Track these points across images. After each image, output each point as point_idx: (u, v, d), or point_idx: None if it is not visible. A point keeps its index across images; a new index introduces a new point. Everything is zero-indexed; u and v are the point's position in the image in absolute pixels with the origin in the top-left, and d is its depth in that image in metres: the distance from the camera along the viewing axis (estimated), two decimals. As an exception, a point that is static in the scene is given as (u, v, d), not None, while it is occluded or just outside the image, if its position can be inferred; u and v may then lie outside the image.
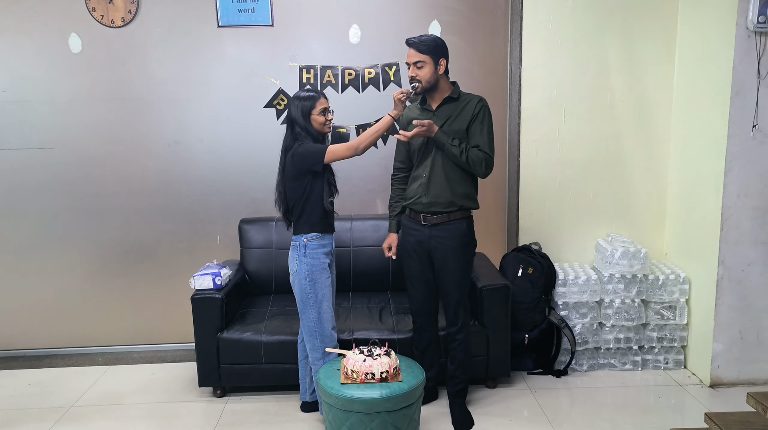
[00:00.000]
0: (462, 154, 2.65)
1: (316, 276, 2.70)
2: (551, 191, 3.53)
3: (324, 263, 2.73)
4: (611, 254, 3.27)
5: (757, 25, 2.84)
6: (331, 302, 2.77)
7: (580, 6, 3.36)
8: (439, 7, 3.51)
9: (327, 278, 2.74)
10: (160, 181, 3.63)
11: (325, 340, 2.73)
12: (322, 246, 2.72)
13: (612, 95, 3.45)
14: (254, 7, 3.46)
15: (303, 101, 2.65)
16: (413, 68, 2.68)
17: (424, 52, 2.65)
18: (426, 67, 2.66)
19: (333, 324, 2.76)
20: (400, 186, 2.91)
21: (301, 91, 2.69)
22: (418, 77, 2.67)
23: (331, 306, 2.76)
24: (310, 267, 2.70)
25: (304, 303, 2.72)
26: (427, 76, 2.66)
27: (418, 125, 2.60)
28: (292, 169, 2.65)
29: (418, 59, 2.66)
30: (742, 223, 3.05)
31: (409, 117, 2.81)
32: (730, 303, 3.11)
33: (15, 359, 3.68)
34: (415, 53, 2.66)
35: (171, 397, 3.17)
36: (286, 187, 2.71)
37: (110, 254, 3.68)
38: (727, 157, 3.00)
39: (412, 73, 2.69)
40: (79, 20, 3.44)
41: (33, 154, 3.56)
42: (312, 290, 2.70)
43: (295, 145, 2.64)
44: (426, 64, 2.65)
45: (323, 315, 2.72)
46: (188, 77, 3.53)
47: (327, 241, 2.75)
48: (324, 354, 2.73)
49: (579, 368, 3.36)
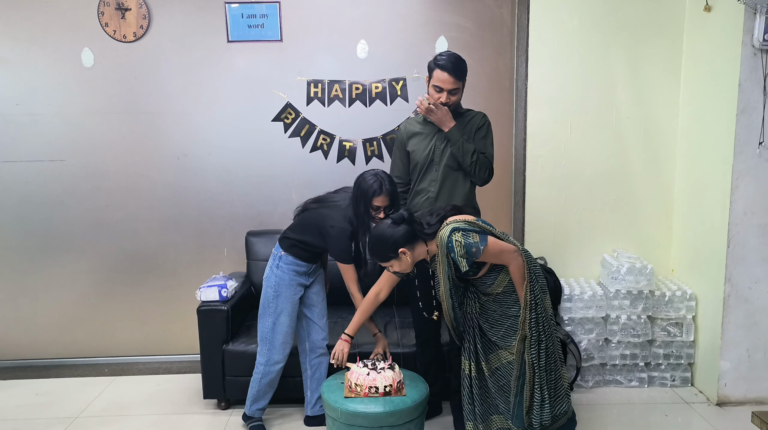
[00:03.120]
0: (474, 153, 2.66)
1: (281, 289, 2.74)
2: (557, 207, 3.53)
3: (293, 280, 2.75)
4: (617, 270, 3.27)
5: (762, 43, 2.85)
6: (292, 319, 2.77)
7: (587, 23, 3.39)
8: (446, 24, 3.54)
9: (294, 295, 2.76)
10: (169, 194, 3.66)
11: (273, 351, 2.78)
12: (296, 268, 2.75)
13: (618, 112, 3.46)
14: (264, 23, 3.50)
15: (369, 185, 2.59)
16: (447, 95, 2.60)
17: (460, 78, 2.59)
18: (458, 93, 2.62)
19: (285, 339, 2.77)
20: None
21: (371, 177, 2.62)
22: (451, 103, 2.62)
23: (290, 322, 2.77)
24: (279, 280, 2.75)
25: (264, 310, 2.78)
26: (457, 101, 2.64)
27: (435, 107, 2.55)
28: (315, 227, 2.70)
29: (455, 87, 2.59)
30: (748, 240, 3.04)
31: (411, 131, 2.82)
32: (737, 321, 3.08)
33: (22, 369, 3.71)
34: (452, 80, 2.57)
35: (176, 408, 3.18)
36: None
37: (118, 265, 3.71)
38: (733, 174, 2.99)
39: (445, 100, 2.61)
40: (92, 35, 3.50)
41: (44, 166, 3.61)
42: (274, 301, 2.75)
43: (337, 227, 2.63)
44: (459, 90, 2.62)
45: (278, 327, 2.76)
46: (198, 91, 3.58)
47: (304, 268, 2.77)
48: (267, 362, 2.77)
49: (584, 384, 3.34)
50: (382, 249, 2.33)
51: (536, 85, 3.44)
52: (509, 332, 2.34)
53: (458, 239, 2.19)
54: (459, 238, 2.19)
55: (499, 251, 2.24)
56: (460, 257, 2.19)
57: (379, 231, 2.35)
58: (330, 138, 3.62)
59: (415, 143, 2.80)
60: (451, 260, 2.23)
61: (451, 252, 2.21)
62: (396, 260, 2.34)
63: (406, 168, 2.86)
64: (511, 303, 2.33)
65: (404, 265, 2.35)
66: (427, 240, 2.33)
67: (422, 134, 2.79)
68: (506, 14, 3.55)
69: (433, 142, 2.75)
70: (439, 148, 2.73)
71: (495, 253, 2.23)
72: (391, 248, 2.30)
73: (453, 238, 2.20)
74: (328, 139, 3.62)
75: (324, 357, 2.90)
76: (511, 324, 2.33)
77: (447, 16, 3.53)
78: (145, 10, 3.48)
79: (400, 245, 2.30)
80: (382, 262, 2.38)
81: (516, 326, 2.31)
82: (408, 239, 2.31)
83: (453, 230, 2.21)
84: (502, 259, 2.26)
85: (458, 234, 2.20)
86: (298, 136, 3.62)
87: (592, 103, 3.45)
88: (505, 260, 2.26)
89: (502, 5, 3.54)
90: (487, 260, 2.26)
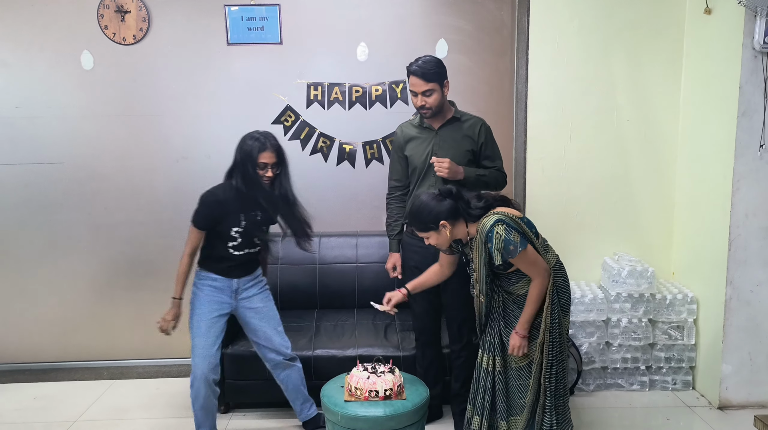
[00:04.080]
0: (483, 177, 2.75)
1: (195, 305, 2.67)
2: (558, 209, 3.53)
3: (209, 297, 2.65)
4: (618, 273, 3.26)
5: (763, 45, 2.85)
6: (207, 338, 2.64)
7: (587, 25, 3.38)
8: (446, 26, 3.54)
9: (210, 313, 2.64)
10: (168, 196, 3.65)
11: (192, 372, 2.66)
12: (212, 282, 2.66)
13: (618, 114, 3.45)
14: (264, 25, 3.50)
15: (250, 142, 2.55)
16: (421, 98, 2.64)
17: (432, 79, 2.62)
18: (434, 94, 2.64)
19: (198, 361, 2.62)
20: (399, 205, 2.90)
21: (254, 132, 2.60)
22: (428, 105, 2.65)
23: (203, 343, 2.62)
24: (194, 296, 2.68)
25: (189, 323, 2.70)
26: (436, 103, 2.66)
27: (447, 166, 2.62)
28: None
29: (427, 88, 2.62)
30: (750, 243, 3.03)
31: (408, 135, 2.82)
32: (738, 324, 3.07)
33: (21, 372, 3.69)
34: (422, 83, 2.61)
35: (175, 412, 3.17)
36: None
37: (117, 268, 3.70)
38: (734, 176, 2.99)
39: (421, 102, 2.65)
40: (92, 38, 3.50)
41: (43, 168, 3.60)
42: (192, 316, 2.68)
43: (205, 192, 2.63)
44: (434, 91, 2.64)
45: (195, 346, 2.65)
46: (197, 94, 3.58)
47: (220, 283, 2.66)
48: (194, 379, 2.65)
49: (585, 387, 3.33)
50: (423, 218, 2.29)
51: (536, 88, 3.44)
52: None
53: (500, 231, 2.17)
54: (501, 231, 2.16)
55: (532, 263, 2.22)
56: (496, 250, 2.17)
57: (422, 200, 2.32)
58: (330, 141, 3.62)
59: (412, 148, 2.80)
60: (487, 249, 2.22)
61: (489, 242, 2.19)
62: (435, 232, 2.30)
63: (404, 171, 2.87)
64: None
65: (442, 239, 2.31)
66: (469, 221, 2.30)
67: (419, 139, 2.79)
68: (506, 17, 3.55)
69: (430, 147, 2.76)
70: (437, 153, 2.74)
71: (528, 262, 2.22)
72: (432, 218, 2.27)
73: (495, 229, 2.17)
74: (328, 141, 3.62)
75: (291, 367, 2.83)
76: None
77: (447, 19, 3.53)
78: (144, 12, 3.48)
79: (442, 217, 2.27)
80: (420, 231, 2.34)
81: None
82: (451, 214, 2.28)
83: (498, 221, 2.19)
84: (530, 270, 2.24)
85: (501, 227, 2.17)
86: (298, 138, 3.62)
87: (592, 106, 3.45)
88: (532, 273, 2.24)
89: (502, 8, 3.54)
90: (517, 264, 2.25)
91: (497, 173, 2.82)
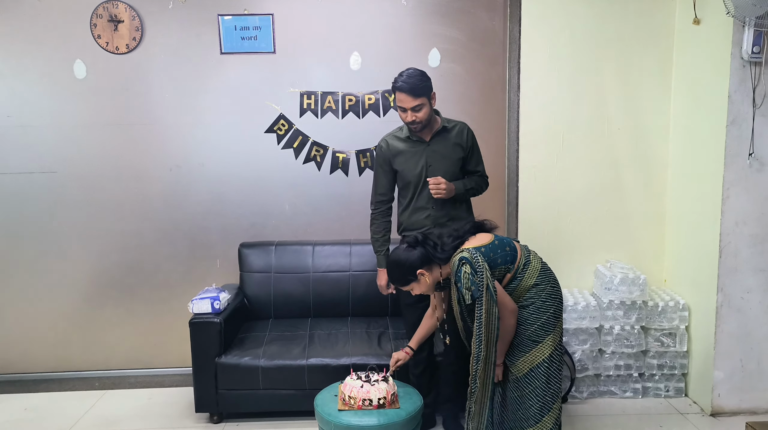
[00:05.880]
0: (471, 190, 2.83)
1: None
2: (550, 217, 3.54)
3: None
4: (610, 280, 3.27)
5: (751, 55, 2.89)
6: None
7: (578, 35, 3.42)
8: (439, 36, 3.56)
9: None
10: (161, 205, 3.65)
11: None
12: None
13: (609, 123, 3.48)
14: (257, 35, 3.51)
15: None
16: (411, 113, 2.65)
17: (420, 94, 2.62)
18: (424, 108, 2.66)
19: None
20: (385, 219, 2.91)
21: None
22: (419, 120, 2.66)
23: None
24: None
25: None
26: (425, 116, 2.67)
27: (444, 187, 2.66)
28: None
29: (416, 104, 2.63)
30: (740, 250, 3.05)
31: (396, 149, 2.82)
32: (730, 331, 3.09)
33: (11, 383, 3.66)
34: (410, 99, 2.62)
35: (168, 422, 3.15)
36: None
37: (109, 278, 3.68)
38: (724, 184, 3.02)
39: (411, 118, 2.66)
40: (85, 47, 3.50)
41: (35, 178, 3.59)
42: None
43: None
44: (423, 105, 2.65)
45: None
46: (190, 103, 3.58)
47: None
48: None
49: (579, 395, 3.34)
50: (402, 273, 2.34)
51: (528, 96, 3.46)
52: (514, 352, 2.33)
53: (467, 271, 2.18)
54: (468, 271, 2.18)
55: (500, 303, 2.23)
56: (466, 289, 2.19)
57: (394, 257, 2.36)
58: (323, 149, 3.63)
59: (402, 162, 2.81)
60: (457, 288, 2.23)
61: (458, 282, 2.21)
62: (416, 283, 2.34)
63: (391, 185, 2.88)
64: (521, 321, 2.32)
65: (424, 286, 2.35)
66: (442, 264, 2.32)
67: (409, 152, 2.80)
68: (498, 27, 3.58)
69: (423, 160, 2.77)
70: (432, 167, 2.76)
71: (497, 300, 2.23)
72: (408, 271, 2.31)
73: (463, 268, 2.19)
74: (321, 150, 3.63)
75: None
76: (517, 343, 2.32)
77: (439, 29, 3.56)
78: (138, 22, 3.48)
79: (417, 267, 2.30)
80: (403, 286, 2.38)
81: (522, 347, 2.31)
82: (424, 261, 2.31)
83: (462, 261, 2.20)
84: (499, 309, 2.24)
85: (468, 267, 2.19)
86: (291, 147, 3.63)
87: (583, 114, 3.48)
88: (500, 311, 2.24)
89: (494, 18, 3.57)
90: None
91: (480, 180, 2.90)
